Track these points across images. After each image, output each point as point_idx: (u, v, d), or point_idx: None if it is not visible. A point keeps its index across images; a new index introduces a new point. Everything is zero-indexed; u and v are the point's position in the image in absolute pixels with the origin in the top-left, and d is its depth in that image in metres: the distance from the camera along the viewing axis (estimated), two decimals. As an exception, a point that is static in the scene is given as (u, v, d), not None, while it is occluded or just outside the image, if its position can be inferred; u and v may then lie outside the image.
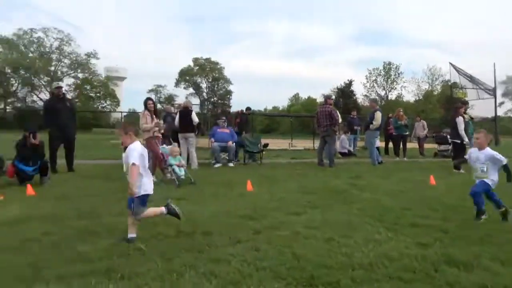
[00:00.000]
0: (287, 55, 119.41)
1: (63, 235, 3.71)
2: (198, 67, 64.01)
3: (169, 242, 3.54)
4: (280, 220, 4.40)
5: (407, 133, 13.60)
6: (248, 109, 13.19)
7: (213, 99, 66.03)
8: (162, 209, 3.88)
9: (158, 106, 35.09)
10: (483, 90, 21.67)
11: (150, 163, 6.62)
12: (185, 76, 64.09)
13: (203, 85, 65.97)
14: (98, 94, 56.13)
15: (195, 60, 64.35)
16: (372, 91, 61.24)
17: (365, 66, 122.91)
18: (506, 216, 4.31)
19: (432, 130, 18.92)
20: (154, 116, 7.29)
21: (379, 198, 5.72)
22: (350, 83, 58.07)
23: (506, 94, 62.09)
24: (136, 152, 3.54)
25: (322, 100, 20.66)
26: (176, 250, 3.31)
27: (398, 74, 60.51)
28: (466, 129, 9.52)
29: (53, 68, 53.85)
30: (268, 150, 11.87)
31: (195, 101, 60.74)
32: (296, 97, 77.20)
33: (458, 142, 9.41)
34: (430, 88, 60.04)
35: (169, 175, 7.14)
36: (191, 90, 65.51)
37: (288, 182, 7.36)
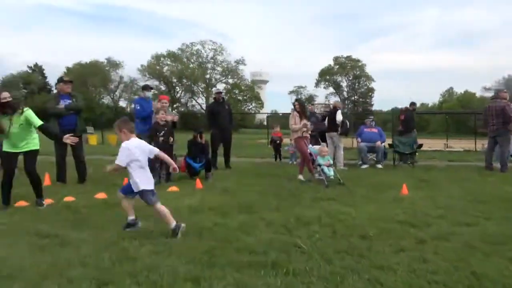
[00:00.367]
0: (436, 47, 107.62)
1: (230, 227, 4.08)
2: (338, 66, 63.26)
3: (326, 243, 3.53)
4: (447, 230, 3.92)
5: None
6: (412, 104, 11.70)
7: (353, 98, 64.30)
8: (171, 222, 3.74)
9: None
10: None
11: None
12: (325, 75, 64.12)
13: (343, 83, 64.91)
14: (245, 97, 61.01)
15: (336, 58, 63.75)
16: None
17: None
18: None
19: None
20: (303, 116, 7.43)
21: None
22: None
23: None
24: (125, 152, 3.69)
25: (484, 94, 17.75)
26: (335, 251, 3.28)
27: None
28: None
29: (208, 76, 60.99)
30: (419, 151, 10.81)
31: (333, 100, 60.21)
32: (449, 92, 68.73)
33: None
34: None
35: (317, 175, 7.19)
36: (331, 89, 65.21)
37: (450, 187, 6.56)
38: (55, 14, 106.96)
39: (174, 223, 3.71)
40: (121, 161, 3.72)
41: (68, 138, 4.96)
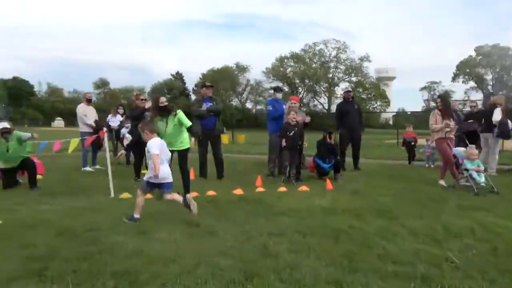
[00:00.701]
0: None
1: (366, 231, 3.89)
2: (480, 57, 55.36)
3: (486, 260, 3.07)
4: None
5: None
6: None
7: (501, 93, 55.34)
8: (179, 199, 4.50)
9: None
10: None
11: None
12: (464, 68, 56.88)
13: (488, 76, 56.52)
14: (370, 96, 58.27)
15: (478, 48, 55.91)
16: None
17: None
18: None
19: None
20: (446, 115, 6.66)
21: None
22: None
23: None
24: (154, 144, 4.34)
25: None
26: (499, 271, 2.82)
27: None
28: None
29: (330, 75, 60.23)
30: None
31: (477, 96, 52.89)
32: None
33: None
34: None
35: (463, 181, 6.36)
36: (472, 83, 57.53)
37: None
38: (193, 27, 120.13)
39: (138, 216, 4.24)
40: (155, 150, 4.33)
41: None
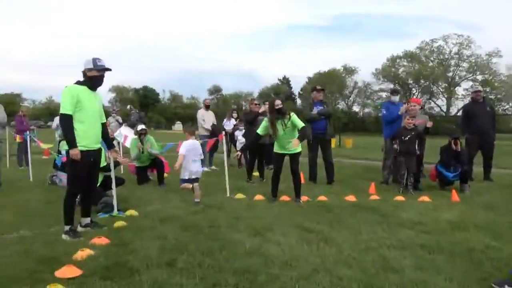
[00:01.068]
0: None
1: (507, 252, 3.36)
2: None
3: None
4: None
5: None
6: None
7: None
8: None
9: None
10: None
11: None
12: None
13: None
14: (499, 96, 50.93)
15: None
16: None
17: None
18: None
19: None
20: None
21: None
22: None
23: None
24: (184, 146, 5.40)
25: None
26: None
27: None
28: None
29: (450, 74, 54.38)
30: None
31: None
32: None
33: None
34: None
35: None
36: None
37: None
38: (298, 31, 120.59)
39: (198, 200, 5.39)
40: (182, 151, 5.40)
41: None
